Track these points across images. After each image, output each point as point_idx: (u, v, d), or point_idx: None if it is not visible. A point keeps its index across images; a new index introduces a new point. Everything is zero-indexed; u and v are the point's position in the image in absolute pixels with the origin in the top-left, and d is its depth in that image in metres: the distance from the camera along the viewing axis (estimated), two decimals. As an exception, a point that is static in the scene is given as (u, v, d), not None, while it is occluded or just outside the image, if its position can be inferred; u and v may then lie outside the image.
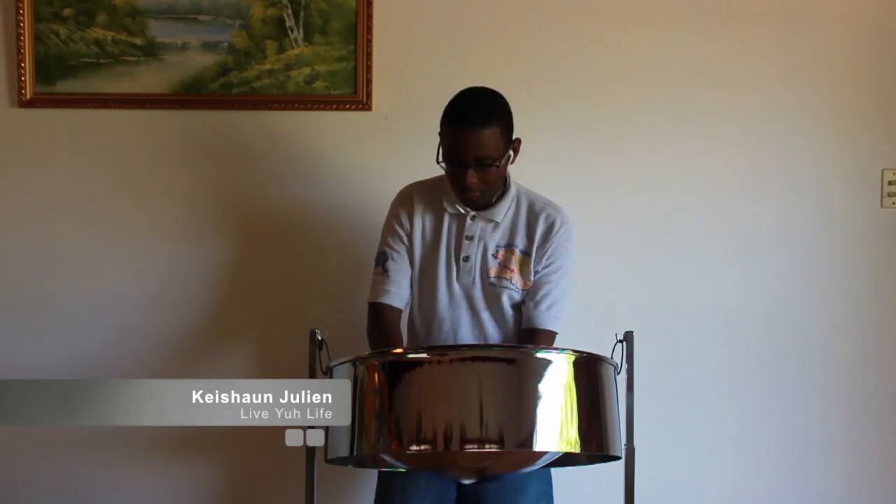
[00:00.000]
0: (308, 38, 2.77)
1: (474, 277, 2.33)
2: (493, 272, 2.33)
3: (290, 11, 2.76)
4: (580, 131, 2.81)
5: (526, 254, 2.34)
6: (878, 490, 2.88)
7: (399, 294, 2.36)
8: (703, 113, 2.83)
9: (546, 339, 2.33)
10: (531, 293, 2.34)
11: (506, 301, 2.34)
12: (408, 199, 2.39)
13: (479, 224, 2.34)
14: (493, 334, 2.35)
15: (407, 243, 2.37)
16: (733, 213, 2.84)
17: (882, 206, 2.85)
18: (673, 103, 2.82)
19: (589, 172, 2.82)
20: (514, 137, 2.29)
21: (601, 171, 2.83)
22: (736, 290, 2.84)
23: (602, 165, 2.83)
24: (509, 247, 2.34)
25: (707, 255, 2.84)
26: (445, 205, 2.35)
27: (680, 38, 2.81)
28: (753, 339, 2.85)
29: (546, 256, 2.34)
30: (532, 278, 2.34)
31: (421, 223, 2.36)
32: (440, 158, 2.27)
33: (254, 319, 2.82)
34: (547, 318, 2.33)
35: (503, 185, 2.35)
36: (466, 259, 2.33)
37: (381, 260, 2.38)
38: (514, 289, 2.34)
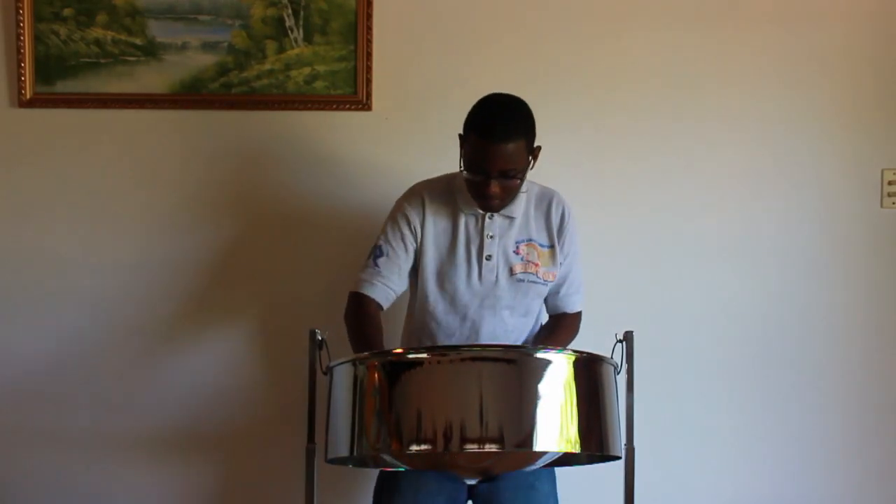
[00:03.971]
0: (308, 38, 2.77)
1: (497, 275, 2.33)
2: (518, 268, 2.34)
3: (290, 11, 2.76)
4: (580, 132, 2.81)
5: (550, 247, 2.37)
6: (878, 490, 2.88)
7: (385, 291, 2.35)
8: (702, 113, 2.83)
9: (576, 319, 2.48)
10: (556, 281, 2.39)
11: (532, 296, 2.36)
12: (419, 199, 2.36)
13: (498, 221, 2.34)
14: (515, 330, 2.37)
15: (413, 244, 2.34)
16: (733, 213, 2.84)
17: (882, 206, 2.85)
18: (673, 104, 2.82)
19: (589, 173, 2.82)
20: (535, 146, 2.28)
21: (601, 172, 2.83)
22: (736, 291, 2.85)
23: (602, 166, 2.83)
24: (529, 241, 2.36)
25: (707, 255, 2.84)
26: (461, 204, 2.34)
27: (680, 39, 2.81)
28: (753, 339, 2.85)
29: (565, 244, 2.39)
30: (558, 270, 2.38)
31: (433, 224, 2.34)
32: (461, 164, 2.26)
33: (254, 319, 2.82)
34: (576, 301, 2.47)
35: None
36: (489, 258, 2.33)
37: (376, 254, 2.35)
38: (540, 282, 2.36)
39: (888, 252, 2.86)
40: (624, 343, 2.10)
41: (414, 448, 1.90)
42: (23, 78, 2.75)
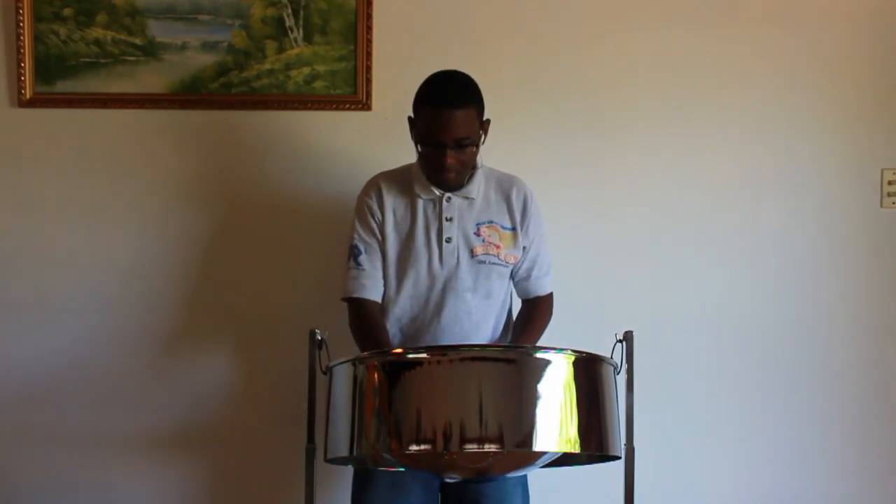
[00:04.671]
0: (308, 38, 2.77)
1: (458, 257, 2.34)
2: (479, 250, 2.35)
3: (289, 11, 2.76)
4: (580, 132, 2.81)
5: (512, 229, 2.38)
6: (878, 490, 2.88)
7: (375, 287, 2.37)
8: (703, 113, 2.83)
9: (549, 301, 2.48)
10: (525, 265, 2.41)
11: (494, 277, 2.37)
12: (376, 188, 2.40)
13: (456, 203, 2.35)
14: (477, 312, 2.36)
15: (378, 234, 2.37)
16: (733, 213, 2.84)
17: (882, 206, 2.85)
18: (673, 104, 2.82)
19: (589, 173, 2.82)
20: (485, 118, 2.31)
21: (602, 172, 2.83)
22: (736, 291, 2.85)
23: (602, 166, 2.83)
24: (490, 223, 2.37)
25: (707, 255, 2.84)
26: (418, 191, 2.36)
27: (680, 39, 2.81)
28: (753, 339, 2.85)
29: (529, 228, 2.40)
30: (520, 253, 2.39)
31: (392, 211, 2.37)
32: (415, 141, 2.30)
33: (253, 319, 2.81)
34: (546, 283, 2.47)
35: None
36: (449, 240, 2.34)
37: (355, 254, 2.38)
38: (502, 264, 2.37)
39: (888, 252, 2.86)
40: (624, 343, 2.10)
41: (413, 448, 1.90)
42: (23, 78, 2.75)
